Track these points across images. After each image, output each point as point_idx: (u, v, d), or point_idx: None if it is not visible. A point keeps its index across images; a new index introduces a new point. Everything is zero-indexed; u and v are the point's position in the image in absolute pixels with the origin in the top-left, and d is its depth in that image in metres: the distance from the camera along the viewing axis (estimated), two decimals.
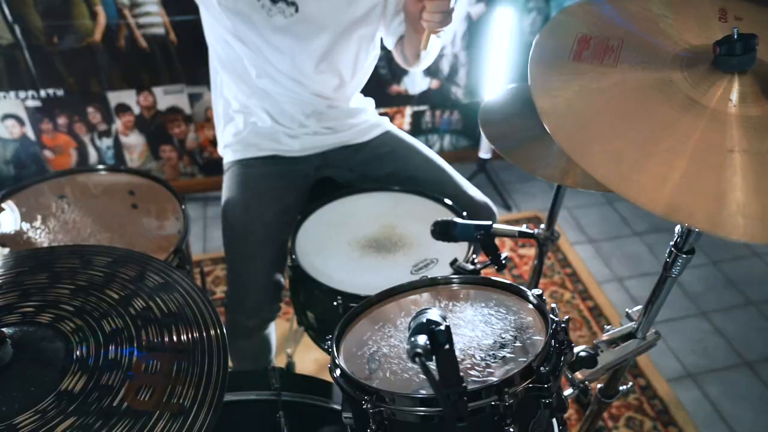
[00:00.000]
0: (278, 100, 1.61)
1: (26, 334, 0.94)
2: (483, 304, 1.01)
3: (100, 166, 1.68)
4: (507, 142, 1.37)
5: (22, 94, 2.52)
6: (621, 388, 1.34)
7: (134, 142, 2.78)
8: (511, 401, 0.78)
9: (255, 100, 1.63)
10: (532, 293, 0.98)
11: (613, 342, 1.20)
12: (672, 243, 1.02)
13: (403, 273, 1.34)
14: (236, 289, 1.57)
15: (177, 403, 0.87)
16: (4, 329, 0.90)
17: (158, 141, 2.81)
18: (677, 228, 1.04)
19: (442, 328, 0.69)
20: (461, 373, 0.75)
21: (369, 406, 0.80)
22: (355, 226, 1.49)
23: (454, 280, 1.05)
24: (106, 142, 2.76)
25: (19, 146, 2.66)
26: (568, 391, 1.08)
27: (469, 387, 0.77)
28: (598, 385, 1.34)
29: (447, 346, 0.68)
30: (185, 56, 2.55)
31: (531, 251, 2.81)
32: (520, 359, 0.86)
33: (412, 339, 0.68)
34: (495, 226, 1.24)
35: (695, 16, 0.93)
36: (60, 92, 2.55)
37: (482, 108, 1.43)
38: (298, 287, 1.44)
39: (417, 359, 0.65)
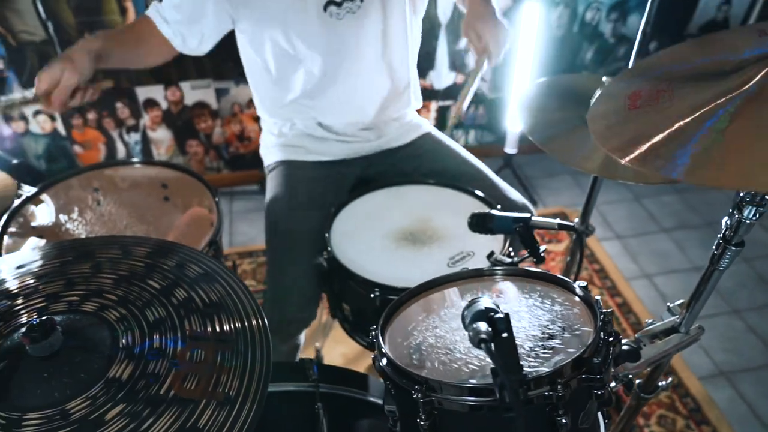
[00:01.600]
0: (332, 108, 1.63)
1: (73, 322, 0.95)
2: (527, 296, 1.00)
3: (135, 159, 1.69)
4: (545, 134, 1.36)
5: None
6: (660, 383, 1.32)
7: (161, 137, 2.80)
8: (564, 392, 0.77)
9: (303, 108, 1.64)
10: (578, 285, 0.97)
11: (655, 336, 1.18)
12: (720, 235, 1.00)
13: (440, 265, 1.33)
14: (276, 294, 1.56)
15: (222, 392, 0.87)
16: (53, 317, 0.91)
17: (185, 136, 2.83)
18: (725, 220, 1.02)
19: (501, 315, 0.68)
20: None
21: (420, 395, 0.80)
22: (389, 219, 1.48)
23: (498, 271, 1.04)
24: (134, 137, 2.78)
25: (50, 141, 2.70)
26: (611, 385, 1.07)
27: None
28: (637, 381, 1.33)
29: (506, 334, 0.67)
30: (212, 51, 2.55)
31: (558, 247, 2.79)
32: (570, 350, 0.85)
33: (474, 326, 0.67)
34: (533, 218, 1.23)
35: (733, 39, 0.95)
36: None
37: (519, 100, 1.41)
38: (332, 279, 1.44)
39: (483, 345, 0.64)
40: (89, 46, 1.41)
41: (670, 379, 1.32)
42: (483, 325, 0.67)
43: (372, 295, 1.26)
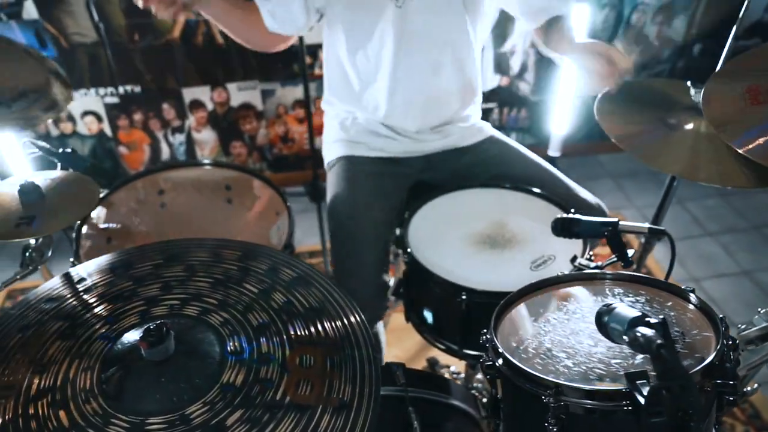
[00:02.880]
0: (397, 106, 1.61)
1: (179, 327, 0.94)
2: (633, 300, 0.99)
3: (206, 161, 1.69)
4: (626, 135, 1.35)
5: (101, 91, 2.56)
6: (746, 389, 1.30)
7: (206, 138, 2.80)
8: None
9: (370, 102, 1.63)
10: (688, 289, 0.96)
11: (750, 341, 1.17)
12: None
13: (523, 269, 1.32)
14: (344, 287, 1.55)
15: (337, 398, 0.87)
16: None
17: (229, 137, 2.83)
18: None
19: (657, 321, 0.67)
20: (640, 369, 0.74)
21: (551, 399, 0.79)
22: (464, 222, 1.47)
23: (608, 276, 1.03)
24: (179, 138, 2.78)
25: (96, 142, 2.71)
26: None
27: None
28: None
29: (665, 340, 0.66)
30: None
31: (604, 250, 2.76)
32: (696, 355, 0.84)
33: (639, 332, 0.66)
34: (622, 222, 1.22)
35: None
36: (137, 89, 2.59)
37: (598, 102, 1.40)
38: (411, 283, 1.42)
39: (663, 351, 0.63)
40: None
41: (756, 384, 1.29)
42: (647, 331, 0.66)
43: (458, 300, 1.25)
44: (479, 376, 1.81)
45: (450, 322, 1.36)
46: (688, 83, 1.31)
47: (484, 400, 1.40)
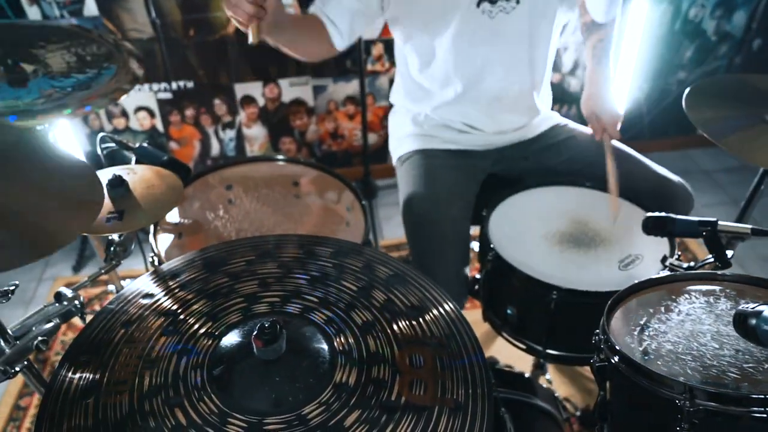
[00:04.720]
0: (475, 104, 1.60)
1: (285, 325, 0.92)
2: (744, 301, 0.95)
3: (280, 157, 1.68)
4: (715, 128, 1.32)
5: (155, 86, 2.57)
6: None
7: (256, 133, 2.80)
8: None
9: (447, 105, 1.63)
10: None
11: None
12: None
13: (612, 269, 1.29)
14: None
15: (451, 399, 0.84)
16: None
17: (279, 133, 2.82)
18: None
19: None
20: None
21: (687, 403, 0.76)
22: (544, 221, 1.44)
23: (727, 277, 1.00)
24: (229, 134, 2.78)
25: (147, 137, 2.71)
26: None
27: None
28: None
29: None
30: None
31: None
32: None
33: None
34: (721, 222, 1.19)
35: None
36: (190, 84, 2.59)
37: (687, 95, 1.36)
38: (493, 281, 1.40)
39: None
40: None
41: None
42: None
43: (547, 299, 1.22)
44: (547, 376, 1.78)
45: (536, 322, 1.33)
46: None
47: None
